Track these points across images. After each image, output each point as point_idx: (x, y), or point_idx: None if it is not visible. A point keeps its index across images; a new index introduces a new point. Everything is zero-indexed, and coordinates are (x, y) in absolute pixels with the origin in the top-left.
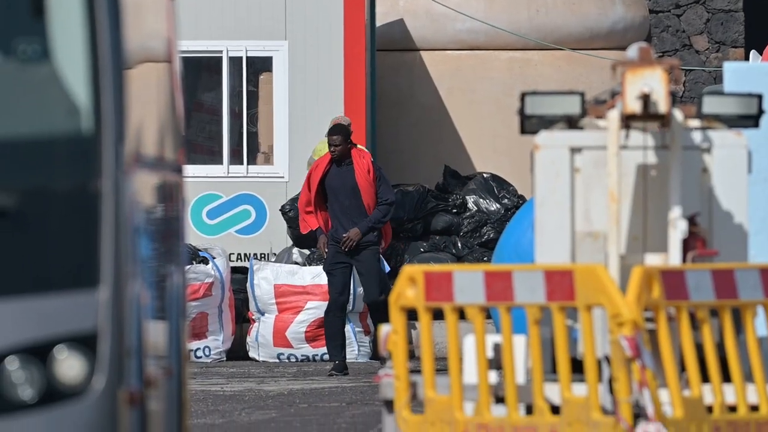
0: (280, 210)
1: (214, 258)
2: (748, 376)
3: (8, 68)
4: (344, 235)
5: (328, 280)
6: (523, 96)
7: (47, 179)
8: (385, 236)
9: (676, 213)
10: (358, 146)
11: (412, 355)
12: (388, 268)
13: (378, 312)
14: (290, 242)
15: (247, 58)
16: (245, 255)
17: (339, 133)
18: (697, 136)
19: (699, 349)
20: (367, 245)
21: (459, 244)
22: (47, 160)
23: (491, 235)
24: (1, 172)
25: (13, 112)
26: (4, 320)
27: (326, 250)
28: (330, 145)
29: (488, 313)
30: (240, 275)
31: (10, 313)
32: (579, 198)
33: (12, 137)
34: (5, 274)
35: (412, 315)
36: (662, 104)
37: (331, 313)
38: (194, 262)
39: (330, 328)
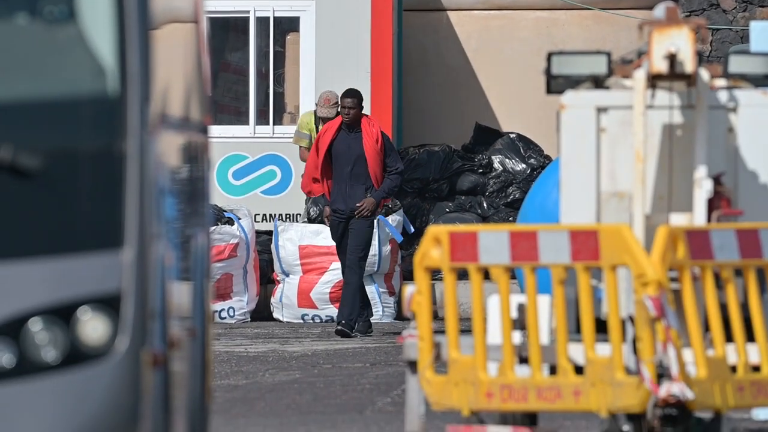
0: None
1: (239, 219)
2: None
3: (34, 29)
4: (358, 204)
5: (337, 249)
6: (549, 56)
7: (73, 140)
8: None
9: (701, 173)
10: (368, 115)
11: (436, 316)
12: (412, 229)
13: (354, 273)
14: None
15: (274, 18)
16: (271, 216)
17: (353, 96)
18: (723, 96)
19: (723, 308)
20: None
21: (484, 205)
22: (73, 121)
23: (517, 196)
24: (27, 133)
25: (39, 74)
26: (28, 281)
27: (329, 221)
28: (343, 107)
29: (513, 274)
30: (265, 236)
31: (34, 274)
32: (604, 158)
33: (38, 98)
34: (30, 234)
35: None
36: (689, 64)
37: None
38: (219, 223)
39: (346, 290)
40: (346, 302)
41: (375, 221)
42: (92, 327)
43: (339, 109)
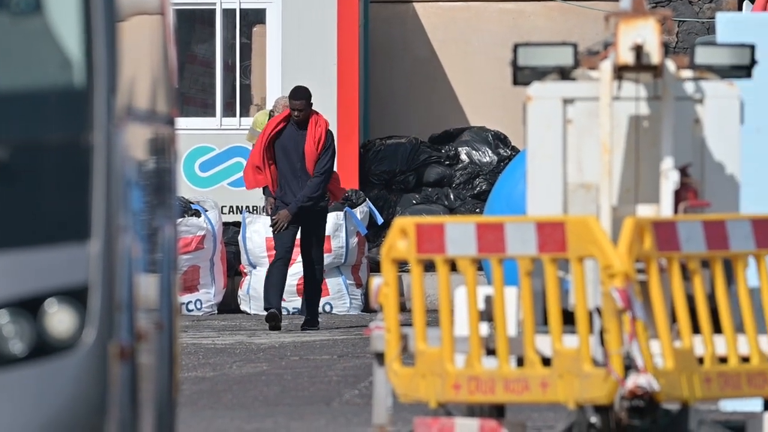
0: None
1: (206, 211)
2: (739, 328)
3: (0, 21)
4: (274, 217)
5: (275, 238)
6: (515, 47)
7: (39, 132)
8: (333, 196)
9: (668, 164)
10: (318, 113)
11: (403, 308)
12: (381, 220)
13: (321, 268)
14: None
15: (241, 10)
16: (237, 208)
17: (303, 97)
18: (689, 87)
19: (690, 300)
20: (318, 211)
21: (451, 196)
22: (39, 112)
23: (483, 187)
24: None
25: (4, 65)
26: None
27: (271, 210)
28: (293, 110)
29: (480, 265)
30: (232, 228)
31: (0, 267)
32: (571, 149)
33: (3, 90)
34: None
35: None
36: (655, 55)
37: (276, 266)
38: (186, 215)
39: (270, 278)
40: (317, 297)
41: (326, 217)
42: (59, 319)
43: (289, 108)
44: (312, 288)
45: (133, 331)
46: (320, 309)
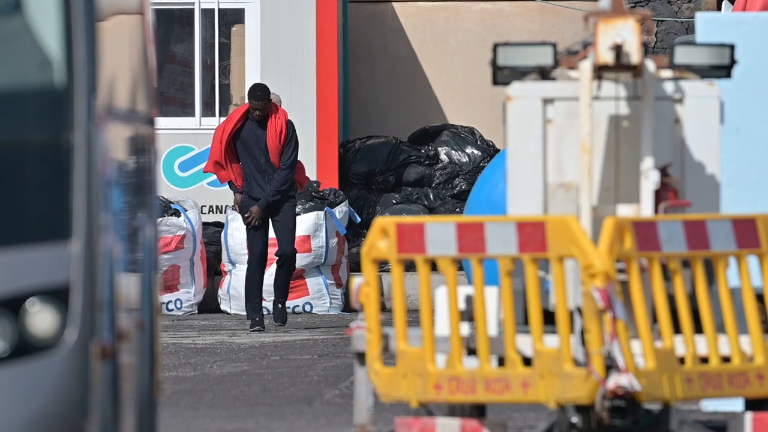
0: None
1: (186, 210)
2: (720, 328)
3: None
4: (245, 215)
5: (248, 237)
6: (495, 47)
7: (19, 132)
8: (300, 185)
9: (648, 164)
10: (277, 105)
11: (384, 308)
12: (358, 219)
13: (292, 264)
14: None
15: (219, 9)
16: (217, 207)
17: (264, 97)
18: (669, 87)
19: (671, 300)
20: (286, 200)
21: (431, 196)
22: (19, 112)
23: (463, 187)
24: None
25: None
26: None
27: (240, 207)
28: (253, 109)
29: (460, 265)
30: (212, 228)
31: None
32: (551, 149)
33: None
34: None
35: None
36: (634, 55)
37: (252, 270)
38: (166, 215)
39: (250, 285)
40: (284, 293)
41: (295, 208)
42: (41, 319)
43: (249, 106)
44: (284, 275)
45: (114, 331)
46: (300, 308)
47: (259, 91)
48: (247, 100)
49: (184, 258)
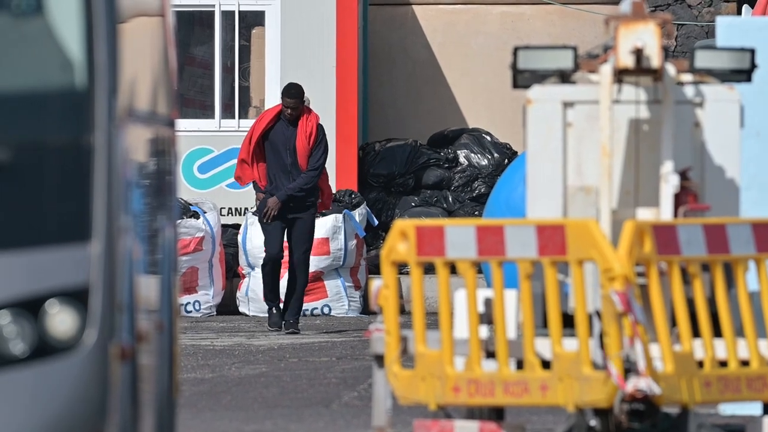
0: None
1: (205, 212)
2: (739, 331)
3: (1, 22)
4: (263, 206)
5: (265, 236)
6: (515, 50)
7: (40, 133)
8: (322, 194)
9: (668, 167)
10: (309, 107)
11: (403, 310)
12: (376, 222)
13: (303, 278)
14: None
15: (240, 12)
16: (236, 209)
17: (297, 96)
18: (689, 91)
19: (690, 303)
20: (308, 205)
21: (450, 199)
22: (40, 113)
23: (482, 190)
24: None
25: (6, 66)
26: None
27: (259, 204)
28: (287, 107)
29: (479, 268)
30: (230, 230)
31: (1, 268)
32: (571, 152)
33: (5, 91)
34: None
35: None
36: (655, 59)
37: (268, 267)
38: (185, 217)
39: (265, 288)
40: (298, 298)
41: (315, 217)
42: (60, 320)
43: (282, 104)
44: (293, 289)
45: (133, 332)
46: (319, 311)
47: (294, 89)
48: (280, 99)
49: (202, 260)
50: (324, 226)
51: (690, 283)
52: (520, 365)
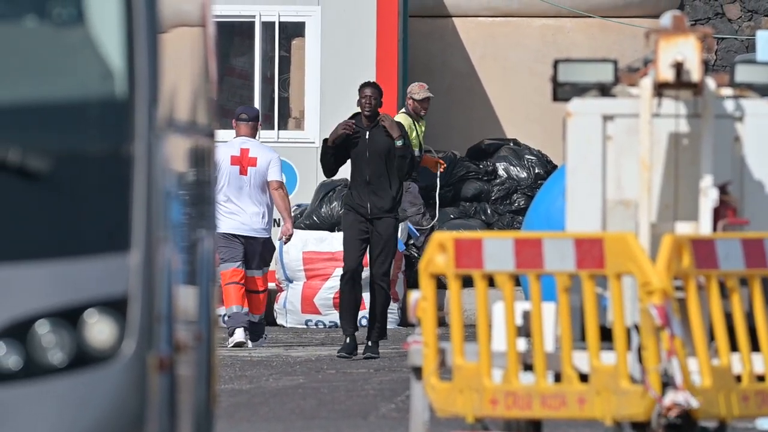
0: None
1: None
2: None
3: (43, 31)
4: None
5: (344, 248)
6: (556, 63)
7: (80, 142)
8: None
9: (707, 181)
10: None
11: (441, 322)
12: (417, 234)
13: (383, 292)
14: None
15: (280, 23)
16: (275, 221)
17: (374, 88)
18: (729, 105)
19: (728, 318)
20: (386, 215)
21: (489, 211)
22: (81, 123)
23: (521, 203)
24: (35, 135)
25: (47, 76)
26: (35, 284)
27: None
28: (362, 97)
29: (518, 281)
30: None
31: (41, 277)
32: (610, 166)
33: (46, 100)
34: (37, 237)
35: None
36: (695, 72)
37: (344, 285)
38: None
39: (341, 303)
40: (380, 319)
41: (397, 226)
42: (99, 330)
43: (360, 96)
44: (375, 306)
45: (172, 343)
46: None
47: (369, 83)
48: (358, 95)
49: None
50: None
51: (728, 298)
52: (557, 378)
